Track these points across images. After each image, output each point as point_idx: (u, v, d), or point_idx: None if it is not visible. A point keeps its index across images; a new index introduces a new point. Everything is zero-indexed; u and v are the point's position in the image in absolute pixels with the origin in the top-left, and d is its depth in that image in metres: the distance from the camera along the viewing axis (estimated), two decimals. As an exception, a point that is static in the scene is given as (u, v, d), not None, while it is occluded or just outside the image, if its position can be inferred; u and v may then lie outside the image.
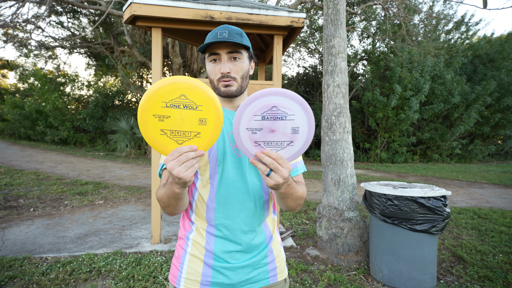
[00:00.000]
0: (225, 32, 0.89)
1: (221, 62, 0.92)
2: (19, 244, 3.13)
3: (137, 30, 11.19)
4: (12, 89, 19.73)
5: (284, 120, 0.72)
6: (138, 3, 2.92)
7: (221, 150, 0.94)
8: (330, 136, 3.00)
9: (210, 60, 0.94)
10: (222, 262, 0.93)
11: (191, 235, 0.97)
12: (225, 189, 0.93)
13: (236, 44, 0.91)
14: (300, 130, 0.73)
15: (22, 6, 7.67)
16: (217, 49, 0.91)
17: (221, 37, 0.88)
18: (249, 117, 0.71)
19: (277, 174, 0.72)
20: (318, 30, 13.95)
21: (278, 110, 0.72)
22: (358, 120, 13.35)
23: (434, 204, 2.23)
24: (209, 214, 0.94)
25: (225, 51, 0.91)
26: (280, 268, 1.04)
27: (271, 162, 0.71)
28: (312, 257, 2.95)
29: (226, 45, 0.91)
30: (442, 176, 9.05)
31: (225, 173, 0.93)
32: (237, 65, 0.93)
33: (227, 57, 0.92)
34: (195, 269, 0.94)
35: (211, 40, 0.89)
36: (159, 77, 3.11)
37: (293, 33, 3.52)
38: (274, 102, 0.72)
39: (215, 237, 0.94)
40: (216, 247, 0.93)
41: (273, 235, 1.05)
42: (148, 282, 2.38)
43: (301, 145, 0.74)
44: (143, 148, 12.43)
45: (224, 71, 0.91)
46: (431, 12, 12.42)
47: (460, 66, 13.54)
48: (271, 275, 1.01)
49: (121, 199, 5.23)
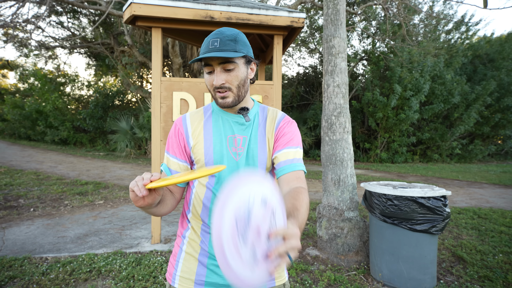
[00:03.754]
0: (216, 41, 0.86)
1: (215, 73, 0.90)
2: (19, 244, 3.14)
3: (137, 30, 11.19)
4: (12, 89, 19.73)
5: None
6: (138, 3, 2.92)
7: (218, 153, 0.94)
8: (330, 136, 3.00)
9: (206, 71, 0.92)
10: (217, 261, 0.92)
11: (187, 233, 0.99)
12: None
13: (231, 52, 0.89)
14: (267, 198, 0.60)
15: (22, 6, 7.67)
16: (209, 60, 0.88)
17: (212, 48, 0.86)
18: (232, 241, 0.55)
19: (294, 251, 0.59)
20: (318, 30, 13.95)
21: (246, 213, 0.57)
22: (358, 120, 13.34)
23: (434, 204, 2.23)
24: (204, 213, 0.95)
25: (217, 62, 0.88)
26: (278, 273, 0.99)
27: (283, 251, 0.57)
28: (312, 257, 2.95)
29: (217, 57, 0.87)
30: (442, 176, 9.05)
31: (222, 176, 0.94)
32: (231, 75, 0.90)
33: (220, 68, 0.89)
34: (189, 268, 0.95)
35: (203, 53, 0.87)
36: (159, 77, 3.11)
37: (293, 33, 3.52)
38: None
39: (210, 235, 0.94)
40: (211, 245, 0.93)
41: None
42: (148, 282, 2.38)
43: (279, 205, 0.62)
44: (143, 148, 12.43)
45: (217, 83, 0.89)
46: (431, 12, 12.42)
47: (460, 66, 13.53)
48: (268, 278, 0.98)
49: (121, 199, 5.23)
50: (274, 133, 1.03)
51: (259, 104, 1.07)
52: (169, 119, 3.13)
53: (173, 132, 1.00)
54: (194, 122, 0.99)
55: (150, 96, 8.63)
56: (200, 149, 0.95)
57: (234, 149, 0.96)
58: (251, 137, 0.99)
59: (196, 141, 0.96)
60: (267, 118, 1.04)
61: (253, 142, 0.99)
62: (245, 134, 0.99)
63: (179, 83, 3.14)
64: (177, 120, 1.02)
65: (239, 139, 0.97)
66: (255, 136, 1.00)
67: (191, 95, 3.14)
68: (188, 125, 0.99)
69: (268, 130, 1.02)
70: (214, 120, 0.99)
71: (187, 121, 1.00)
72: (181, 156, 0.98)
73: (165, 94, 3.12)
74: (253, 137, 0.99)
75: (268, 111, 1.06)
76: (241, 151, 0.97)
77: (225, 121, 0.98)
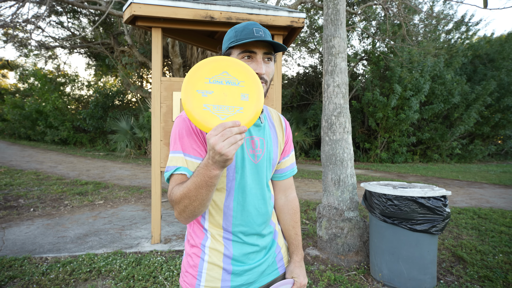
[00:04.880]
0: (261, 31, 0.85)
1: (256, 61, 0.87)
2: (19, 244, 3.14)
3: (137, 30, 11.19)
4: (12, 89, 19.74)
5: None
6: (138, 3, 2.92)
7: (239, 156, 0.90)
8: (330, 136, 3.00)
9: (243, 56, 0.87)
10: (241, 265, 0.93)
11: (207, 243, 0.93)
12: (243, 196, 0.91)
13: (271, 46, 0.87)
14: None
15: (22, 6, 7.67)
16: (253, 47, 0.86)
17: (258, 35, 0.83)
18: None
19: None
20: (318, 30, 13.95)
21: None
22: (358, 120, 13.34)
23: (434, 204, 2.23)
24: (226, 221, 0.92)
25: (262, 51, 0.86)
26: (285, 257, 1.10)
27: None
28: (312, 257, 2.95)
29: (263, 44, 0.86)
30: (442, 176, 9.05)
31: (243, 180, 0.91)
32: (270, 67, 0.90)
33: (263, 57, 0.87)
34: (214, 276, 0.92)
35: (247, 36, 0.84)
36: (159, 77, 3.11)
37: (293, 33, 3.52)
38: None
39: (233, 242, 0.93)
40: (235, 251, 0.93)
41: (276, 228, 1.07)
42: (148, 282, 2.38)
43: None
44: (143, 148, 12.43)
45: (261, 71, 0.86)
46: (431, 12, 12.42)
47: (460, 66, 13.53)
48: (279, 265, 1.05)
49: (121, 199, 5.23)
50: (284, 138, 1.06)
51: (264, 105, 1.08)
52: (169, 119, 3.13)
53: (186, 130, 0.86)
54: None
55: (150, 96, 8.63)
56: None
57: (252, 151, 0.93)
58: (267, 139, 0.97)
59: None
60: (273, 120, 1.05)
61: (269, 144, 0.98)
62: (261, 135, 0.96)
63: (179, 83, 3.14)
64: (184, 116, 0.89)
65: (257, 141, 0.94)
66: (270, 138, 0.99)
67: (191, 95, 3.14)
68: None
69: (279, 134, 1.04)
70: None
71: None
72: (203, 155, 0.85)
73: (165, 94, 3.11)
74: (269, 139, 0.98)
75: (270, 112, 1.07)
76: (259, 153, 0.94)
77: None
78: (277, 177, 1.09)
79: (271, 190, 1.03)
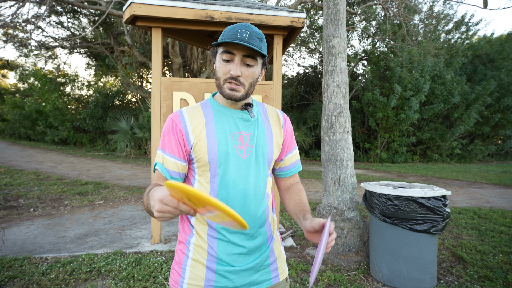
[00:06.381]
0: (246, 33, 0.84)
1: (233, 62, 0.86)
2: (19, 244, 3.14)
3: (137, 30, 11.19)
4: (12, 89, 19.74)
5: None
6: (138, 3, 2.92)
7: (223, 151, 0.90)
8: (330, 136, 3.00)
9: (223, 57, 0.87)
10: (226, 266, 0.91)
11: (192, 239, 0.94)
12: (226, 192, 0.90)
13: (253, 49, 0.85)
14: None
15: (22, 6, 7.67)
16: (233, 48, 0.85)
17: (240, 37, 0.82)
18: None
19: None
20: (318, 30, 13.95)
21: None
22: (358, 120, 13.34)
23: (434, 204, 2.23)
24: None
25: (241, 54, 0.85)
26: (282, 268, 1.03)
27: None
28: (312, 257, 2.95)
29: (243, 47, 0.85)
30: (442, 176, 9.05)
31: (226, 175, 0.90)
32: (249, 71, 0.88)
33: (241, 60, 0.86)
34: (197, 274, 0.91)
35: (229, 39, 0.83)
36: (159, 77, 3.11)
37: (293, 33, 3.52)
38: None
39: (217, 240, 0.91)
40: (219, 250, 0.91)
41: (273, 235, 1.03)
42: (148, 282, 2.38)
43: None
44: (143, 148, 12.43)
45: (234, 73, 0.86)
46: (431, 12, 12.42)
47: (460, 66, 13.53)
48: (273, 275, 1.00)
49: (121, 199, 5.23)
50: (282, 133, 1.04)
51: (256, 101, 1.06)
52: (169, 119, 3.13)
53: (170, 129, 0.91)
54: (194, 118, 0.92)
55: (150, 96, 8.63)
56: (203, 147, 0.89)
57: (240, 146, 0.92)
58: (258, 134, 0.96)
59: (198, 139, 0.90)
60: (268, 116, 1.03)
61: (261, 139, 0.96)
62: (251, 131, 0.95)
63: (179, 83, 3.14)
64: (172, 116, 0.93)
65: (245, 136, 0.93)
66: (263, 133, 0.97)
67: (191, 95, 3.14)
68: (187, 122, 0.91)
69: (275, 130, 1.02)
70: (217, 116, 0.93)
71: (185, 117, 0.92)
72: (179, 155, 0.90)
73: (165, 94, 3.12)
74: (260, 135, 0.96)
75: (266, 108, 1.06)
76: (247, 148, 0.93)
77: (229, 118, 0.94)
78: (282, 174, 1.08)
79: (266, 189, 0.99)
